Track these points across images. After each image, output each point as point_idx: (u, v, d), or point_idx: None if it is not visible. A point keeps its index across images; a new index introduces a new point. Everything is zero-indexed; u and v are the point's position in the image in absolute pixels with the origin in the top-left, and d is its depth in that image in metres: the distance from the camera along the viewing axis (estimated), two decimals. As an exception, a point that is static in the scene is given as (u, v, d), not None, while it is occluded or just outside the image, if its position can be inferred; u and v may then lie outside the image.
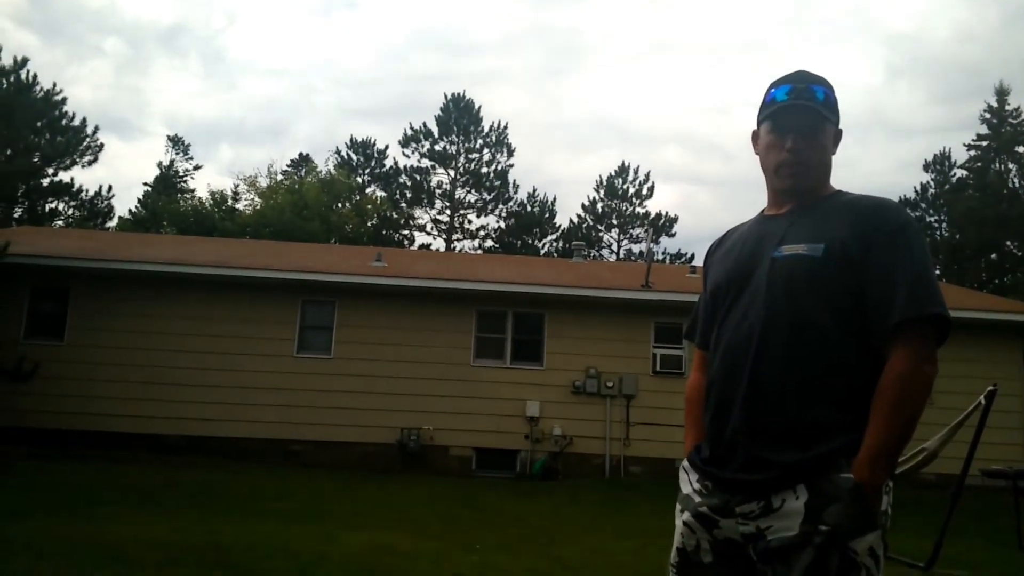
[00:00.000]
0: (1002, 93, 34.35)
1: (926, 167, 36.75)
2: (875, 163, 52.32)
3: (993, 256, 32.96)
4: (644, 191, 38.29)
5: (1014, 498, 7.37)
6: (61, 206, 29.29)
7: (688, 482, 1.82)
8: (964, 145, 35.22)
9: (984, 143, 34.50)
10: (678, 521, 1.81)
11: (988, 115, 34.48)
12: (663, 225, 37.36)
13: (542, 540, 7.09)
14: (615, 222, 38.22)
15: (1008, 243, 32.25)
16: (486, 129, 38.03)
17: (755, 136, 1.91)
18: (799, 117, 1.78)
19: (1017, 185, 33.78)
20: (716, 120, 59.07)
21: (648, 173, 38.58)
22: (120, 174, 55.77)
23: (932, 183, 36.28)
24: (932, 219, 35.53)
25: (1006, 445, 11.51)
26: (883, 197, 1.77)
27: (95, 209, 30.19)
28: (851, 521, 1.52)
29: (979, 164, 34.50)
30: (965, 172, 35.21)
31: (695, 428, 1.90)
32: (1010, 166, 34.10)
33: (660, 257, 35.79)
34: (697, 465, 1.80)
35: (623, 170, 38.67)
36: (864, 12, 58.73)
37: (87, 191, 29.64)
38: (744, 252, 1.83)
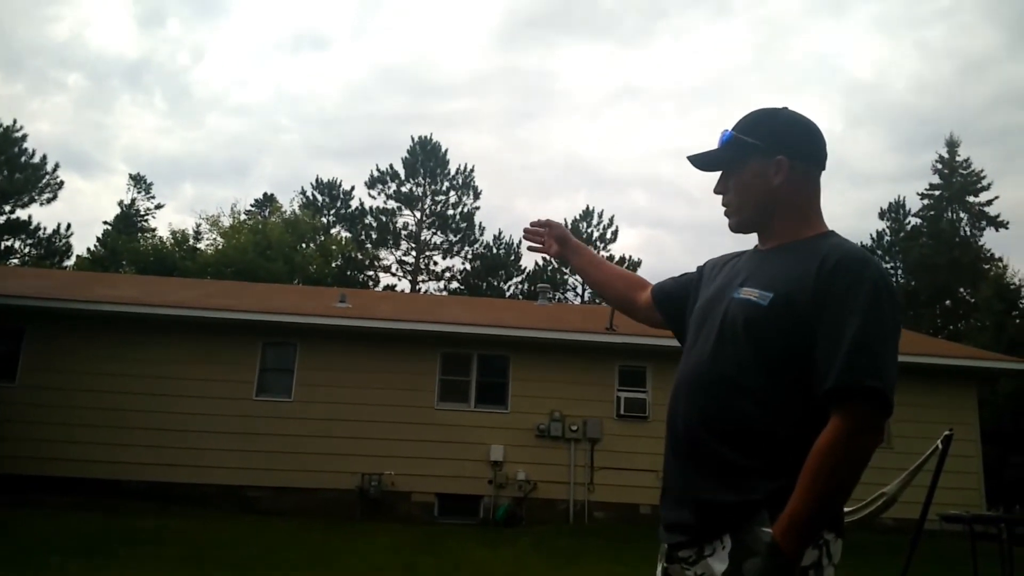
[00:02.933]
0: (952, 144, 35.65)
1: (881, 215, 37.82)
2: (836, 209, 53.52)
3: (947, 303, 33.83)
4: (608, 235, 38.76)
5: (970, 542, 7.43)
6: (17, 244, 28.79)
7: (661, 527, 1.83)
8: (918, 194, 36.37)
9: (936, 192, 35.64)
10: (657, 569, 1.81)
11: (940, 165, 35.71)
12: (627, 268, 37.68)
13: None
14: (580, 265, 38.46)
15: (961, 290, 33.13)
16: (453, 171, 38.32)
17: None
18: (709, 163, 1.86)
19: (968, 233, 34.85)
20: (681, 165, 60.16)
21: (612, 217, 39.14)
22: (80, 211, 55.01)
23: (888, 231, 37.30)
24: (888, 266, 36.41)
25: (963, 490, 11.67)
26: (854, 248, 1.68)
27: (53, 247, 29.71)
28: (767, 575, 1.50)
29: (932, 212, 35.59)
30: (919, 220, 36.27)
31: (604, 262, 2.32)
32: (961, 215, 35.22)
33: (624, 300, 36.01)
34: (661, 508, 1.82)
35: (588, 214, 39.13)
36: (825, 60, 60.74)
37: (45, 229, 29.25)
38: (719, 284, 1.82)
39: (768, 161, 1.76)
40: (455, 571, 7.80)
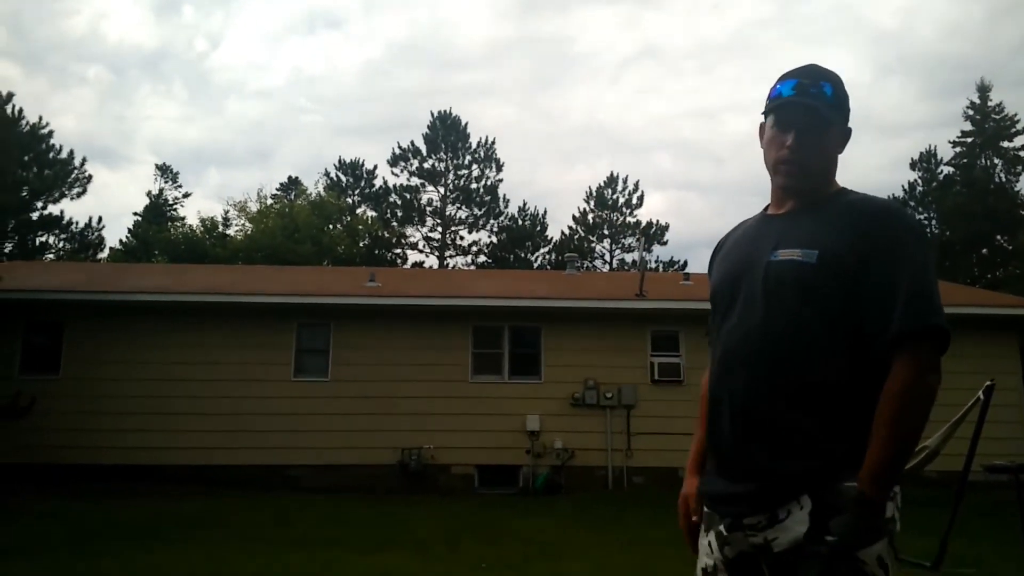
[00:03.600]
0: (984, 89, 34.68)
1: (912, 165, 37.04)
2: (868, 161, 52.51)
3: (984, 251, 33.15)
4: (634, 200, 38.47)
5: (1018, 493, 7.34)
6: (52, 239, 29.29)
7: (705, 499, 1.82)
8: (949, 142, 35.53)
9: (969, 139, 34.79)
10: (703, 540, 1.79)
11: (971, 112, 34.79)
12: (655, 233, 37.49)
13: (549, 556, 7.05)
14: (607, 232, 38.33)
15: (998, 237, 32.44)
16: (474, 145, 38.19)
17: (761, 129, 1.86)
18: (801, 114, 1.73)
19: (1003, 180, 34.02)
20: (705, 125, 59.37)
21: (637, 182, 38.83)
22: (109, 204, 55.75)
23: (920, 181, 36.55)
24: (921, 216, 35.73)
25: (1007, 439, 11.51)
26: (887, 200, 1.72)
27: (86, 241, 30.20)
28: (857, 531, 1.50)
29: (965, 160, 34.78)
30: (952, 169, 35.48)
31: (701, 426, 1.89)
32: (995, 161, 34.36)
33: (653, 265, 35.87)
34: (706, 482, 1.81)
35: (612, 180, 38.84)
36: (849, 10, 59.23)
37: (77, 223, 29.70)
38: (742, 254, 1.80)
39: (845, 130, 1.79)
40: (499, 540, 7.89)
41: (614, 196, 38.62)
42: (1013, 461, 8.17)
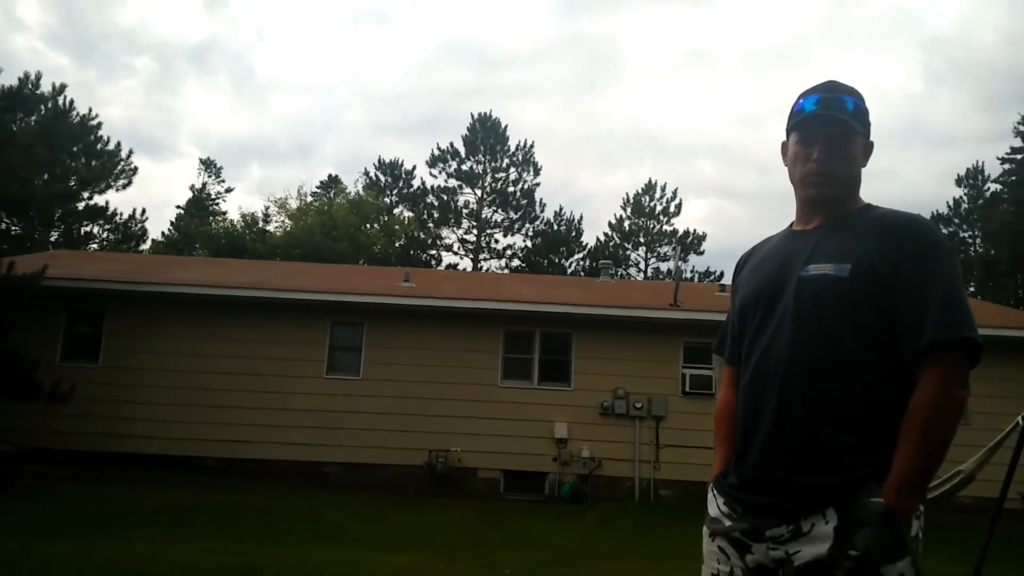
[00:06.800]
0: (1036, 106, 33.85)
1: (959, 182, 36.34)
2: (915, 174, 51.58)
3: (1030, 271, 32.31)
4: (672, 208, 38.26)
5: (1056, 522, 7.18)
6: (96, 229, 29.90)
7: (716, 505, 1.81)
8: (998, 158, 34.77)
9: (1018, 156, 33.98)
10: (710, 546, 1.80)
11: (1022, 127, 33.98)
12: (691, 242, 37.23)
13: (571, 564, 7.04)
14: (642, 240, 38.16)
15: (1045, 258, 31.59)
16: (512, 148, 38.29)
17: (784, 147, 1.90)
18: (826, 127, 1.76)
19: (1053, 199, 33.14)
20: (750, 132, 58.78)
21: (676, 190, 38.62)
22: (152, 195, 56.92)
23: (965, 198, 35.83)
24: (966, 234, 35.03)
25: (1047, 467, 11.21)
26: (913, 213, 1.73)
27: (129, 232, 30.77)
28: (882, 546, 1.51)
29: (1013, 178, 33.98)
30: (999, 186, 34.72)
31: (725, 445, 1.89)
32: (1046, 179, 33.50)
33: (688, 275, 35.64)
34: (724, 489, 1.80)
35: (650, 187, 38.66)
36: (904, 14, 58.24)
37: (121, 214, 30.25)
38: (772, 269, 1.80)
39: (868, 143, 1.81)
40: (522, 546, 7.90)
41: (651, 203, 38.45)
42: (1052, 490, 7.98)
